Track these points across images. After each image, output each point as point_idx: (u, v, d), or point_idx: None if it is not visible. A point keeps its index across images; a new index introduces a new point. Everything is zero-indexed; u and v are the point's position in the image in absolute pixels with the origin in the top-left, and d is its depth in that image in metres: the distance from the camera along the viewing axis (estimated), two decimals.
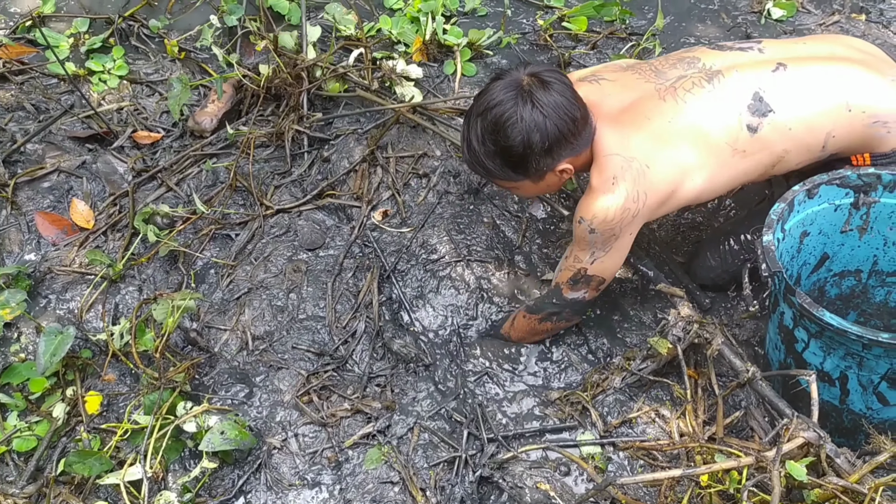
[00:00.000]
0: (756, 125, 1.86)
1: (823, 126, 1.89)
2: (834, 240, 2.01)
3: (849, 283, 2.09)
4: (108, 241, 2.45)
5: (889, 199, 1.92)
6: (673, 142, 1.87)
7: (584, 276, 2.00)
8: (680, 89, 1.90)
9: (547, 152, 1.84)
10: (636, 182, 1.85)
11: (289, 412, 2.07)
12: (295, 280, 2.29)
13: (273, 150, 2.61)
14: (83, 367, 2.16)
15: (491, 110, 1.83)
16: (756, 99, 1.87)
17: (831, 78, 1.91)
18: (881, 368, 1.71)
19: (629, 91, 1.94)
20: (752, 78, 1.90)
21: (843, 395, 1.82)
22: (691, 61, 1.97)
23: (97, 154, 2.67)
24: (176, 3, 3.07)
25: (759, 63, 1.94)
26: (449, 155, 2.52)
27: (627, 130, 1.89)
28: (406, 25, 2.86)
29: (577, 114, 1.84)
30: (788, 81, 1.89)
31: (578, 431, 2.03)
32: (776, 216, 1.84)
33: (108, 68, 2.87)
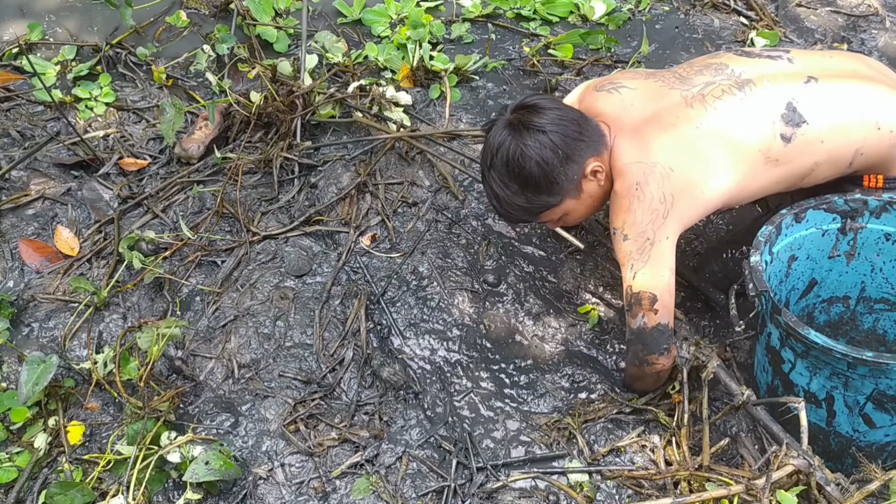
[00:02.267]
0: (790, 135, 1.85)
1: (854, 141, 1.88)
2: (822, 265, 2.01)
3: (837, 310, 2.09)
4: (93, 268, 2.43)
5: (876, 224, 1.93)
6: (700, 145, 1.84)
7: (634, 296, 1.90)
8: (709, 96, 1.87)
9: (567, 159, 1.86)
10: (661, 185, 1.83)
11: (275, 441, 2.04)
12: (282, 307, 2.28)
13: (261, 176, 2.61)
14: (66, 397, 2.13)
15: (497, 156, 1.87)
16: (790, 109, 1.85)
17: (862, 95, 1.90)
18: (867, 389, 1.71)
19: (652, 100, 1.91)
20: (784, 88, 1.88)
21: (829, 417, 1.82)
22: (719, 68, 1.94)
23: (83, 181, 2.65)
24: (164, 31, 3.08)
25: (790, 75, 1.92)
26: (438, 186, 2.52)
27: (648, 138, 1.86)
28: (392, 52, 2.88)
29: (572, 115, 1.88)
30: (821, 94, 1.88)
31: (566, 459, 2.01)
32: (764, 238, 1.85)
33: (94, 95, 2.86)
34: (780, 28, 3.08)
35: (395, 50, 2.89)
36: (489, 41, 2.97)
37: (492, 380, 2.17)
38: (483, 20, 3.09)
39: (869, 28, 3.10)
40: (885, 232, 1.93)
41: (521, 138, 1.84)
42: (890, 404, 1.72)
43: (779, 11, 3.18)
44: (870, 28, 3.10)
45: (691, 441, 1.99)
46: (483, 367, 2.20)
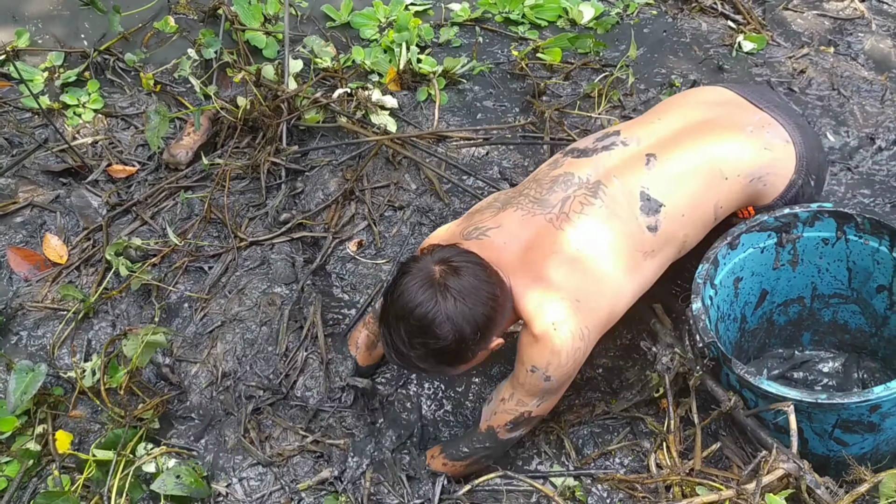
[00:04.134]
0: (654, 224, 1.85)
1: (709, 201, 1.90)
2: (768, 277, 2.04)
3: (795, 310, 2.12)
4: (82, 275, 2.43)
5: (811, 232, 1.96)
6: (589, 266, 1.81)
7: (527, 419, 1.90)
8: (571, 213, 1.84)
9: (481, 339, 1.74)
10: (575, 319, 1.78)
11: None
12: (269, 313, 2.27)
13: (248, 181, 2.61)
14: (55, 405, 2.12)
15: (412, 313, 1.68)
16: (644, 199, 1.86)
17: (699, 156, 1.91)
18: (830, 420, 1.74)
19: (520, 232, 1.85)
20: (631, 180, 1.87)
21: (803, 444, 1.82)
22: (566, 179, 1.89)
23: (71, 188, 2.65)
24: (152, 37, 3.07)
25: (630, 160, 1.91)
26: (424, 189, 2.53)
27: (543, 273, 1.80)
28: (380, 55, 2.88)
29: (496, 291, 1.74)
30: (664, 171, 1.88)
31: (550, 464, 2.02)
32: (702, 280, 1.87)
33: (82, 102, 2.86)
34: (768, 31, 3.09)
35: (382, 53, 2.90)
36: (476, 44, 2.98)
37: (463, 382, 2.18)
38: (471, 24, 3.09)
39: (855, 31, 3.11)
40: (821, 237, 1.96)
41: (441, 306, 1.68)
42: (857, 427, 1.74)
43: (766, 15, 3.19)
44: (856, 31, 3.11)
45: (681, 446, 1.99)
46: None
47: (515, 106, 2.81)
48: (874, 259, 1.93)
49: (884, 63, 2.97)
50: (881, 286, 1.97)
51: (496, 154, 2.64)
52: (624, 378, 2.19)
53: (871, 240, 1.91)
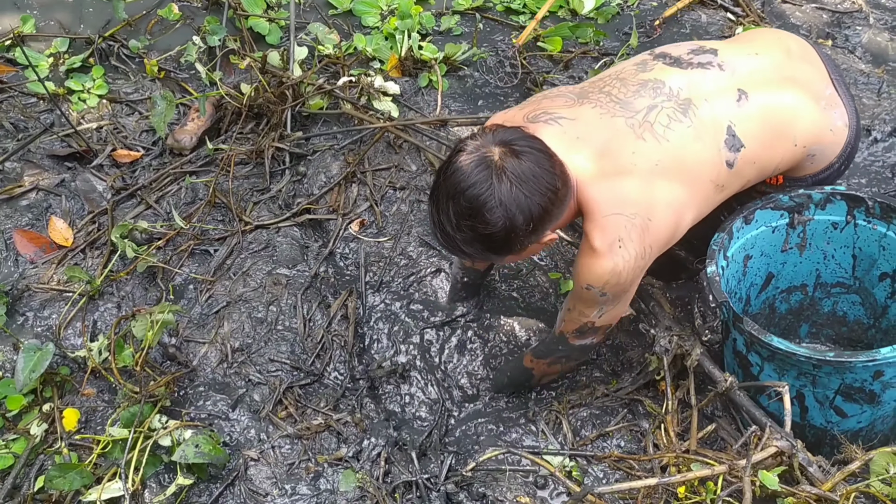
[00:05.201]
0: (733, 161, 1.82)
1: (775, 159, 1.90)
2: (776, 259, 2.06)
3: (797, 298, 2.15)
4: (87, 258, 2.45)
5: (822, 215, 1.98)
6: (665, 185, 1.76)
7: (592, 328, 1.91)
8: (657, 125, 1.78)
9: (532, 231, 1.66)
10: (642, 239, 1.74)
11: (265, 425, 2.08)
12: (275, 293, 2.31)
13: (252, 167, 2.64)
14: (61, 384, 2.15)
15: (464, 194, 1.60)
16: (730, 134, 1.81)
17: (785, 112, 1.88)
18: (833, 384, 1.76)
19: (597, 131, 1.77)
20: (721, 110, 1.83)
21: (802, 413, 1.87)
22: (655, 86, 1.82)
23: (76, 172, 2.67)
24: (156, 24, 3.09)
25: (723, 90, 1.85)
26: (424, 169, 2.56)
27: (618, 182, 1.74)
28: (381, 42, 2.91)
29: (557, 183, 1.65)
30: (753, 115, 1.85)
31: (548, 444, 2.06)
32: (717, 246, 1.89)
33: (87, 87, 2.88)
34: (766, 24, 3.12)
35: (383, 40, 2.93)
36: (477, 31, 3.01)
37: (470, 362, 2.22)
38: (472, 12, 3.12)
39: (853, 24, 3.14)
40: (831, 221, 1.99)
41: (496, 191, 1.60)
42: (857, 395, 1.77)
43: (765, 7, 3.22)
44: (854, 24, 3.14)
45: (679, 427, 2.03)
46: (462, 349, 2.24)
47: (516, 91, 2.84)
48: (881, 245, 1.96)
49: (881, 56, 3.00)
50: (885, 273, 2.00)
51: None
52: (625, 360, 2.23)
53: (879, 224, 1.94)
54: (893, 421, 1.91)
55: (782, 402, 1.76)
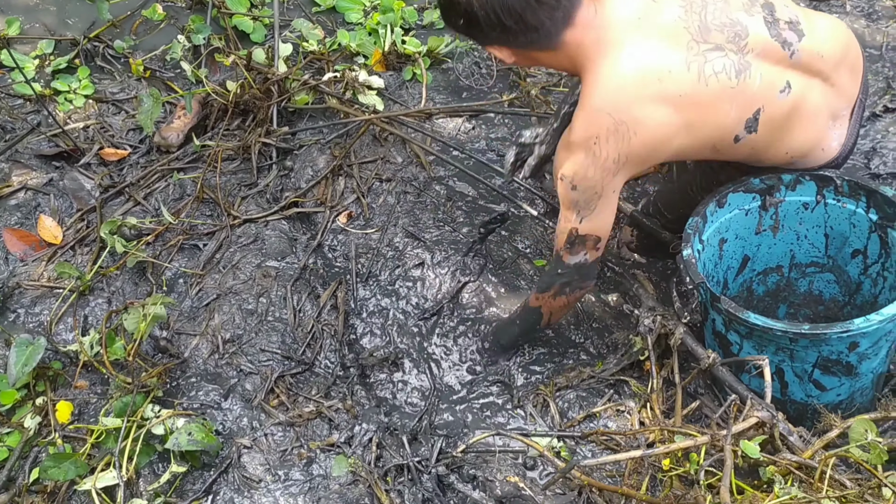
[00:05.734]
0: (741, 138, 1.83)
1: (769, 160, 1.92)
2: (751, 241, 2.10)
3: (773, 279, 2.19)
4: (77, 255, 2.47)
5: (793, 196, 2.02)
6: (668, 114, 1.73)
7: (578, 237, 1.92)
8: (708, 64, 1.73)
9: (498, 29, 1.69)
10: (618, 147, 1.74)
11: (257, 413, 2.10)
12: (264, 285, 2.34)
13: (239, 162, 2.66)
14: (54, 378, 2.17)
15: None
16: (755, 117, 1.80)
17: (808, 122, 1.87)
18: (811, 357, 1.80)
19: (659, 30, 1.73)
20: (764, 90, 1.80)
21: (783, 388, 1.91)
22: (739, 34, 1.77)
23: (64, 171, 2.69)
24: (140, 24, 3.12)
25: (777, 71, 1.81)
26: (409, 161, 2.60)
27: (630, 83, 1.71)
28: (365, 38, 2.94)
29: (556, 13, 1.68)
30: (781, 113, 1.83)
31: (536, 426, 2.09)
32: (692, 230, 1.93)
33: (73, 88, 2.91)
34: None
35: (367, 36, 2.96)
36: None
37: (458, 348, 2.25)
38: None
39: (830, 11, 3.19)
40: (802, 202, 2.03)
41: None
42: (835, 367, 1.82)
43: None
44: (831, 11, 3.19)
45: (664, 406, 2.07)
46: (449, 336, 2.28)
47: (498, 82, 2.88)
48: (851, 222, 2.01)
49: (859, 42, 3.05)
50: (856, 250, 2.04)
51: (483, 128, 2.71)
52: (610, 342, 2.26)
53: (848, 202, 1.98)
54: (872, 393, 1.95)
55: (763, 379, 1.80)
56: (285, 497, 1.97)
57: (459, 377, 2.23)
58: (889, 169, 2.61)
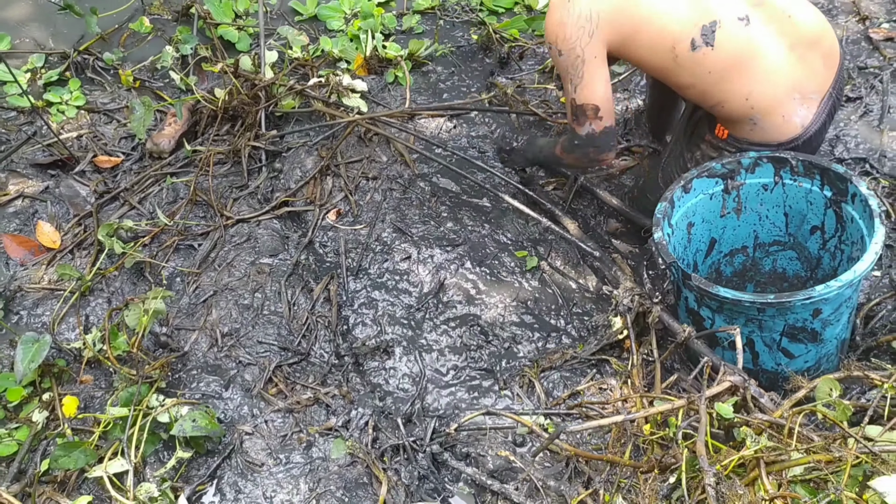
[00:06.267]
0: (697, 46, 2.05)
1: (724, 93, 2.10)
2: (716, 224, 2.24)
3: (740, 260, 2.32)
4: (76, 258, 2.56)
5: (752, 179, 2.16)
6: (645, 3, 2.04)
7: (579, 108, 2.16)
8: None
9: None
10: (590, 2, 2.05)
11: (257, 401, 2.20)
12: (259, 281, 2.43)
13: (230, 165, 2.76)
14: (59, 375, 2.25)
15: None
16: (711, 28, 2.05)
17: (763, 58, 2.09)
18: (778, 326, 1.93)
19: None
20: (723, 8, 2.06)
21: (754, 358, 2.03)
22: None
23: (60, 179, 2.78)
24: (128, 37, 3.21)
25: (741, 3, 2.09)
26: (394, 160, 2.71)
27: None
28: (347, 44, 3.06)
29: None
30: (738, 37, 2.06)
31: (523, 405, 2.20)
32: (661, 215, 2.06)
33: (65, 99, 2.99)
34: None
35: (349, 42, 3.07)
36: (438, 27, 3.17)
37: (446, 336, 2.35)
38: (433, 11, 3.28)
39: None
40: (761, 183, 2.17)
41: None
42: (801, 335, 1.94)
43: None
44: None
45: (644, 381, 2.18)
46: (438, 325, 2.38)
47: (476, 82, 3.01)
48: (807, 200, 2.14)
49: None
50: (814, 227, 2.17)
51: (465, 127, 2.83)
52: (591, 325, 2.38)
53: (804, 181, 2.12)
54: (837, 359, 2.08)
55: (735, 351, 1.92)
56: (287, 479, 2.06)
57: (448, 363, 2.33)
58: (851, 154, 2.75)
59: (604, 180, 2.76)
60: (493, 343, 2.34)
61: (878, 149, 2.74)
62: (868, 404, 1.74)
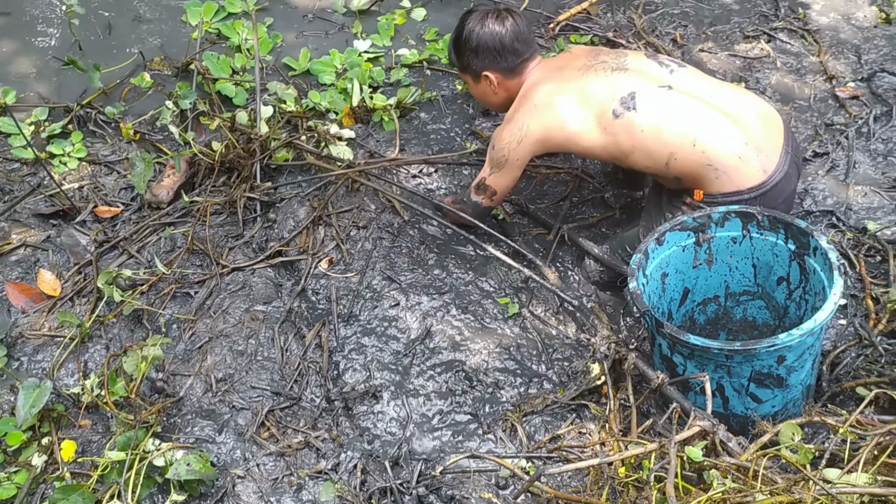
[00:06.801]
0: (619, 113, 2.39)
1: (668, 145, 2.37)
2: (689, 275, 2.37)
3: (712, 309, 2.44)
4: (75, 305, 2.65)
5: (722, 232, 2.30)
6: (565, 98, 2.45)
7: (484, 185, 2.63)
8: (592, 69, 2.49)
9: (475, 53, 2.58)
10: (525, 119, 2.48)
11: (249, 445, 2.28)
12: (253, 328, 2.53)
13: (226, 216, 2.88)
14: (58, 419, 2.33)
15: (469, 11, 2.64)
16: (630, 97, 2.39)
17: (695, 115, 2.38)
18: (746, 372, 2.04)
19: (572, 60, 2.56)
20: (639, 83, 2.42)
21: (724, 403, 2.14)
22: (619, 55, 2.53)
23: (61, 229, 2.88)
24: (129, 91, 3.34)
25: (656, 78, 2.45)
26: (383, 209, 2.84)
27: (545, 84, 2.51)
28: (335, 96, 3.21)
29: (510, 45, 2.54)
30: (661, 99, 2.40)
31: (506, 449, 2.29)
32: (636, 266, 2.19)
33: (67, 151, 3.11)
34: None
35: (337, 94, 3.23)
36: (425, 77, 3.34)
37: (432, 381, 2.45)
38: (419, 65, 3.44)
39: (763, 69, 3.50)
40: (731, 236, 2.30)
41: (477, 17, 2.58)
42: (767, 380, 2.05)
43: (684, 56, 3.58)
44: (763, 69, 3.50)
45: (621, 425, 2.28)
46: (425, 370, 2.47)
47: (459, 126, 3.18)
48: (773, 253, 2.27)
49: (788, 95, 3.37)
50: (781, 278, 2.30)
51: (448, 178, 2.97)
52: (570, 371, 2.48)
53: (770, 235, 2.25)
54: (803, 404, 2.18)
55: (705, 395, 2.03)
56: None
57: (434, 407, 2.42)
58: (819, 207, 2.89)
59: (584, 229, 2.88)
60: (478, 388, 2.44)
61: (844, 202, 2.88)
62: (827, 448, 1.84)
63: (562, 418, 2.37)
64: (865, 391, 2.19)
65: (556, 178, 3.06)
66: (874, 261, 2.66)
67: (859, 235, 2.73)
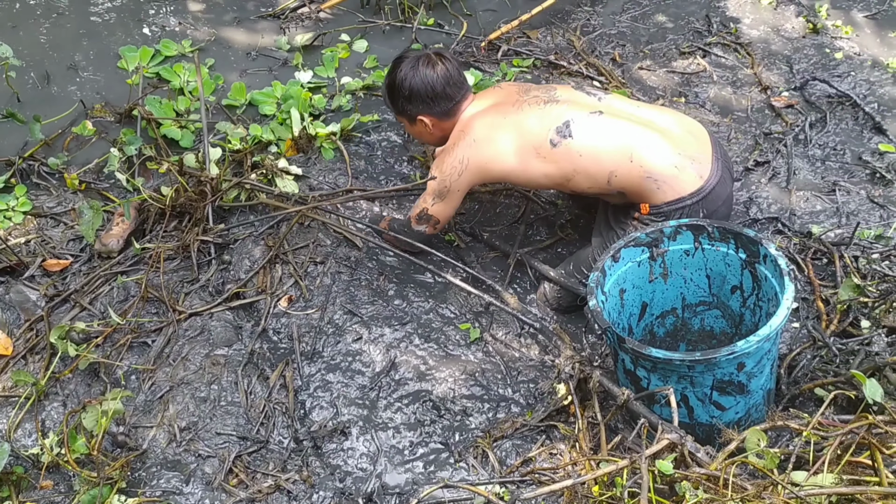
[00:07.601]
0: (556, 142, 2.49)
1: (607, 164, 2.47)
2: (646, 289, 2.41)
3: (671, 321, 2.50)
4: (29, 363, 2.58)
5: (675, 245, 2.36)
6: (503, 133, 2.55)
7: (426, 215, 2.71)
8: (525, 103, 2.58)
9: (409, 100, 2.65)
10: (465, 152, 2.58)
11: (218, 494, 2.24)
12: (214, 373, 2.49)
13: (180, 260, 2.84)
14: (17, 482, 2.26)
15: (404, 59, 2.69)
16: (565, 125, 2.49)
17: (628, 134, 2.48)
18: (708, 381, 2.08)
19: (504, 96, 2.66)
20: (572, 112, 2.52)
21: (689, 413, 2.18)
22: (548, 89, 2.64)
23: (9, 285, 2.81)
24: (72, 140, 3.29)
25: (586, 105, 2.56)
26: (338, 243, 2.84)
27: (481, 119, 2.60)
28: (277, 127, 3.25)
29: (442, 91, 2.62)
30: (595, 124, 2.50)
31: (479, 476, 2.29)
32: (594, 283, 2.23)
33: (11, 206, 3.04)
34: (628, 88, 3.57)
35: (279, 125, 3.24)
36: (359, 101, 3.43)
37: (400, 413, 2.45)
38: (363, 92, 3.48)
39: (700, 83, 3.61)
40: (683, 249, 2.36)
41: (417, 59, 2.64)
42: (729, 388, 2.10)
43: (624, 74, 3.67)
44: (701, 83, 3.61)
45: (591, 443, 2.29)
46: (392, 403, 2.47)
47: (402, 155, 3.22)
48: (725, 262, 2.32)
49: (726, 108, 3.47)
50: (734, 287, 2.35)
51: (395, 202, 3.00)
52: (537, 392, 2.49)
53: (721, 245, 2.30)
54: (765, 408, 2.23)
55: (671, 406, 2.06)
56: None
57: (403, 440, 2.41)
58: (765, 214, 2.97)
59: (539, 251, 2.91)
60: (446, 417, 2.44)
61: (788, 208, 2.96)
62: (793, 451, 1.88)
63: (532, 441, 2.38)
64: (824, 392, 2.25)
65: (506, 202, 3.09)
66: (821, 263, 2.75)
67: (805, 240, 2.81)
